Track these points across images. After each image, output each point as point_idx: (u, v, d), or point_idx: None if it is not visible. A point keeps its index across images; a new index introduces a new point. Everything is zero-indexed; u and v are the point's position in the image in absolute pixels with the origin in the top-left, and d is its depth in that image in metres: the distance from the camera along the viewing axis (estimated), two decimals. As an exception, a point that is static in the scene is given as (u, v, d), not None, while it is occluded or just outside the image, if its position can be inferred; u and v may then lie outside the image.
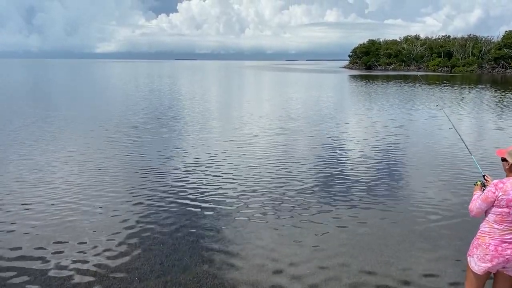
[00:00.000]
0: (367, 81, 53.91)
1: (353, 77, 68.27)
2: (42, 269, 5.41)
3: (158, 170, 10.22)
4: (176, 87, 40.51)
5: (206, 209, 7.59)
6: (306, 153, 12.22)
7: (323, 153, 12.25)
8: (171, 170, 10.25)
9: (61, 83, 47.57)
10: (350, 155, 11.96)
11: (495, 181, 3.81)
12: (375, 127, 17.02)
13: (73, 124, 17.37)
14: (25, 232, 6.54)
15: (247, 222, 6.98)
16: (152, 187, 8.88)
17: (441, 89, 38.95)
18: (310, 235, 6.47)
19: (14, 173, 9.89)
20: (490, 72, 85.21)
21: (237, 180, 9.38)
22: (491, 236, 3.78)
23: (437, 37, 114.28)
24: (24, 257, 5.73)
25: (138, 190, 8.67)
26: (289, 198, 8.20)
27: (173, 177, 9.60)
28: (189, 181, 9.29)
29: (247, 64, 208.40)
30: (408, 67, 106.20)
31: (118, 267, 5.47)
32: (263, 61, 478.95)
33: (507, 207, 3.69)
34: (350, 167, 10.58)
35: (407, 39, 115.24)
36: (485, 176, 4.21)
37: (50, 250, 5.95)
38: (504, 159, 3.85)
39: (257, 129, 16.41)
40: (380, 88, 40.16)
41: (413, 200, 8.17)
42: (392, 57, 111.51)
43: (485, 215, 3.89)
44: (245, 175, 9.75)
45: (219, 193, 8.46)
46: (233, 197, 8.21)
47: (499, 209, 3.74)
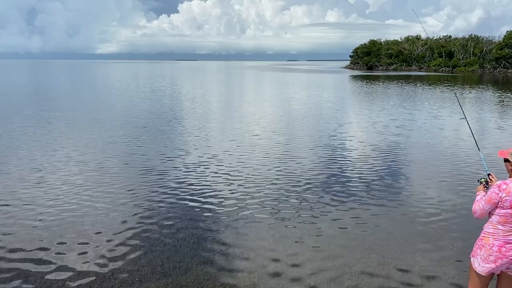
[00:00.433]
0: (368, 81, 53.87)
1: (354, 77, 68.23)
2: (42, 270, 5.39)
3: (159, 170, 10.21)
4: (177, 88, 40.52)
5: (207, 210, 7.57)
6: (307, 153, 12.20)
7: (324, 153, 12.23)
8: (172, 170, 10.24)
9: (63, 84, 47.61)
10: (351, 155, 11.93)
11: (499, 182, 3.78)
12: (376, 127, 16.99)
13: (75, 124, 17.37)
14: (25, 233, 6.52)
15: (248, 223, 6.96)
16: (153, 187, 8.86)
17: (442, 89, 38.90)
18: (311, 236, 6.45)
19: (15, 173, 9.88)
20: (491, 72, 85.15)
21: (238, 180, 9.37)
22: (495, 237, 3.76)
23: (438, 37, 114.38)
24: (24, 259, 5.71)
25: (139, 190, 8.66)
26: (290, 198, 8.18)
27: (174, 178, 9.58)
28: (190, 182, 9.27)
29: (248, 64, 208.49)
30: (409, 67, 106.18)
31: (119, 269, 5.45)
32: (264, 61, 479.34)
33: (511, 208, 3.66)
34: (351, 167, 10.56)
35: (408, 39, 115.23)
36: (490, 175, 4.17)
37: (50, 251, 5.93)
38: (506, 160, 3.82)
39: (258, 129, 16.39)
40: (381, 88, 40.13)
41: (415, 200, 8.14)
42: (393, 57, 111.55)
43: (489, 216, 3.87)
44: (246, 176, 9.73)
45: (221, 194, 8.44)
46: (234, 198, 8.19)
47: (502, 210, 3.72)
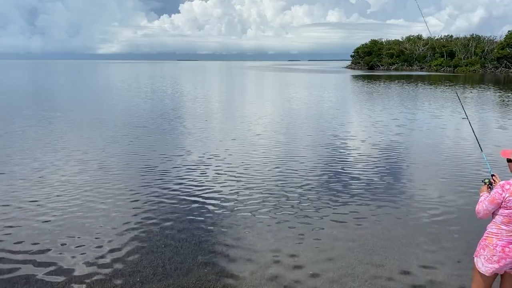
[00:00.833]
0: (370, 81, 53.81)
1: (356, 77, 68.16)
2: (43, 271, 5.37)
3: (160, 170, 10.19)
4: (178, 88, 40.50)
5: (208, 210, 7.55)
6: (308, 153, 12.17)
7: (325, 152, 12.19)
8: (173, 170, 10.21)
9: (64, 84, 47.64)
10: (352, 155, 11.89)
11: (502, 182, 3.76)
12: (377, 126, 16.93)
13: (76, 124, 17.35)
14: (25, 233, 6.51)
15: (249, 223, 6.93)
16: (154, 188, 8.84)
17: (443, 89, 38.83)
18: (313, 237, 6.42)
19: (17, 173, 9.86)
20: (493, 72, 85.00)
21: (239, 180, 9.34)
22: (498, 237, 3.75)
23: (439, 37, 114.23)
24: (25, 260, 5.69)
25: (140, 191, 8.63)
26: (291, 199, 8.15)
27: (175, 178, 9.56)
28: (192, 182, 9.25)
29: (249, 64, 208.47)
30: (410, 67, 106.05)
31: (120, 270, 5.43)
32: (265, 61, 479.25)
33: (515, 208, 3.64)
34: (352, 167, 10.52)
35: (409, 39, 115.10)
36: (493, 175, 4.15)
37: (51, 251, 5.91)
38: (510, 160, 3.80)
39: (260, 129, 16.36)
40: (382, 88, 40.07)
41: (416, 200, 8.11)
42: (394, 57, 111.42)
43: (492, 217, 3.85)
44: (248, 176, 9.71)
45: (222, 194, 8.42)
46: (235, 198, 8.16)
47: (506, 211, 3.70)
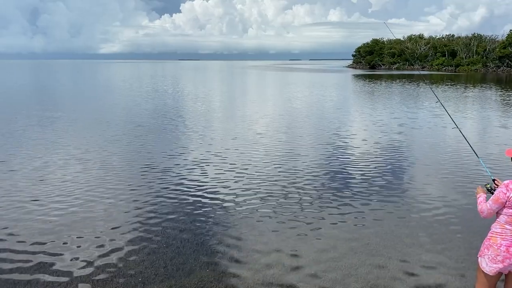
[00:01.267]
0: (371, 80, 53.73)
1: (357, 76, 68.09)
2: (43, 271, 5.36)
3: (161, 170, 10.17)
4: (180, 87, 40.50)
5: (210, 210, 7.53)
6: (310, 152, 12.14)
7: (327, 152, 12.16)
8: (175, 170, 10.20)
9: (66, 84, 47.68)
10: (354, 154, 11.86)
11: (506, 182, 3.74)
12: (379, 125, 16.90)
13: (78, 124, 17.35)
14: (27, 233, 6.50)
15: (251, 223, 6.91)
16: (156, 187, 8.83)
17: (444, 88, 38.76)
18: (315, 237, 6.40)
19: (19, 171, 9.86)
20: (494, 71, 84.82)
21: (241, 180, 9.32)
22: (503, 236, 3.73)
23: (441, 36, 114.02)
24: (26, 260, 5.68)
25: (141, 191, 8.62)
26: (293, 199, 8.13)
27: (177, 178, 9.54)
28: (193, 182, 9.23)
29: (250, 64, 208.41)
30: (412, 66, 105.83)
31: (121, 270, 5.42)
32: (266, 61, 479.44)
33: (520, 207, 3.62)
34: (354, 166, 10.49)
35: (410, 38, 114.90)
36: (495, 180, 4.13)
37: (52, 251, 5.90)
38: (514, 159, 3.78)
39: (261, 128, 16.33)
40: (383, 87, 40.00)
41: (419, 200, 8.08)
42: (396, 56, 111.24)
43: (497, 216, 3.84)
44: (250, 176, 9.69)
45: (224, 194, 8.40)
46: (237, 198, 8.14)
47: (510, 210, 3.69)
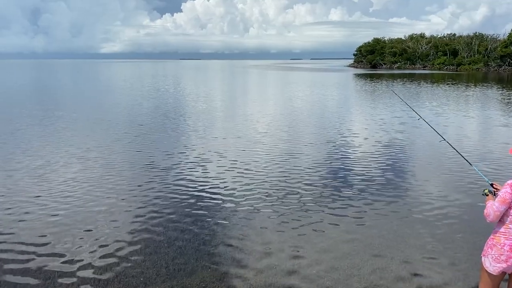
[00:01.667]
0: (372, 79, 53.67)
1: (358, 75, 68.03)
2: (43, 272, 5.35)
3: (163, 169, 10.15)
4: (181, 87, 40.51)
5: (212, 210, 7.51)
6: (312, 151, 12.11)
7: (329, 151, 12.13)
8: (176, 169, 10.17)
9: (67, 83, 47.71)
10: (356, 153, 11.83)
11: (510, 181, 3.69)
12: (380, 124, 16.86)
13: (80, 123, 17.34)
14: (27, 233, 6.49)
15: (253, 223, 6.89)
16: (157, 187, 8.81)
17: (445, 87, 38.71)
18: (317, 237, 6.37)
19: (21, 170, 9.85)
20: (496, 70, 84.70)
21: (243, 180, 9.30)
22: (506, 236, 3.72)
23: (442, 35, 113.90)
24: (27, 260, 5.67)
25: (143, 190, 8.60)
26: (295, 198, 8.10)
27: (179, 177, 9.52)
28: (195, 181, 9.21)
29: (252, 63, 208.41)
30: (413, 66, 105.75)
31: (123, 271, 5.40)
32: (267, 60, 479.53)
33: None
34: (355, 165, 10.46)
35: (412, 38, 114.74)
36: (493, 184, 4.14)
37: (53, 251, 5.89)
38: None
39: (263, 127, 16.30)
40: (384, 86, 39.95)
41: (422, 200, 8.04)
42: (397, 55, 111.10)
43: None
44: (251, 175, 9.66)
45: (225, 194, 8.37)
46: (239, 198, 8.12)
47: (513, 210, 3.64)
